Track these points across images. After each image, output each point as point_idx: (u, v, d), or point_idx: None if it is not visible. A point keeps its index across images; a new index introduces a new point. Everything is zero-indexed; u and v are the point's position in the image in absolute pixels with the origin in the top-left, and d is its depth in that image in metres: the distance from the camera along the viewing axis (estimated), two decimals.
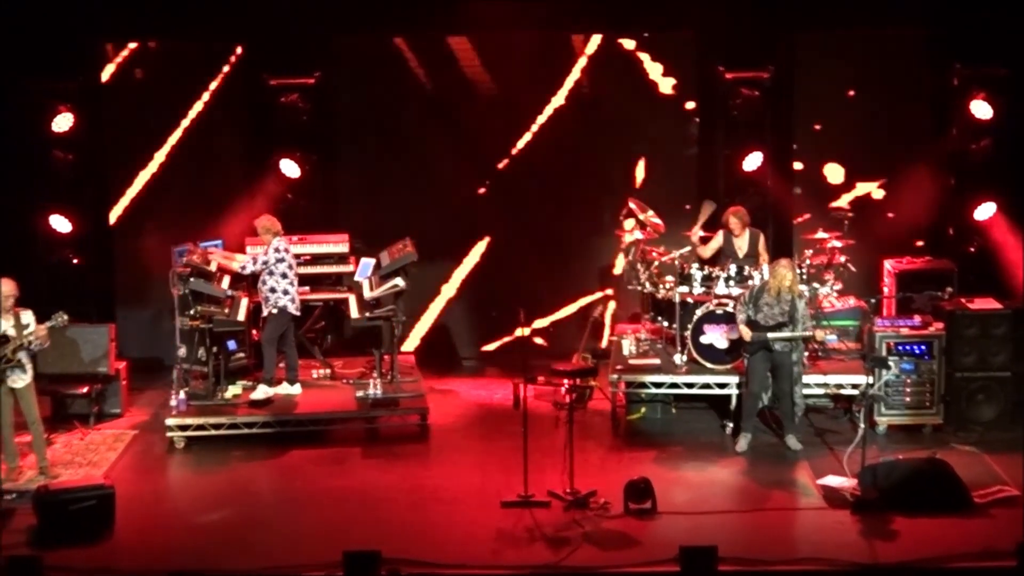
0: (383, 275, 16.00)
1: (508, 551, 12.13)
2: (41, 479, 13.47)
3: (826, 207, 17.46)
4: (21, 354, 13.48)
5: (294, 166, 17.27)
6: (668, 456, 14.45)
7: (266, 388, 15.45)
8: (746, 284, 15.34)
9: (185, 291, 15.28)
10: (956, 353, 14.93)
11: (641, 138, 17.83)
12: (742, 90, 16.99)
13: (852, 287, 16.57)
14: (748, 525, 12.68)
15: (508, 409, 14.37)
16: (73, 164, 16.96)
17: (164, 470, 14.47)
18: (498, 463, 14.05)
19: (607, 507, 12.90)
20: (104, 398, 15.79)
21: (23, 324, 13.45)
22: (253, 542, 12.36)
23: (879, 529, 12.39)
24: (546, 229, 17.95)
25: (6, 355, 13.35)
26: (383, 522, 12.73)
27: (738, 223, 15.86)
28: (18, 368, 13.50)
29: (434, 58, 17.74)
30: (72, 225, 17.04)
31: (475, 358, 18.20)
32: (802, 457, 14.24)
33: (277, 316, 15.40)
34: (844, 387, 15.22)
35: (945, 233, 17.34)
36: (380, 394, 15.40)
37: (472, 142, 17.83)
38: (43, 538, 12.31)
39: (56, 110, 16.74)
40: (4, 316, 13.39)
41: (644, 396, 15.66)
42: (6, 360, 13.37)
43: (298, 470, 14.21)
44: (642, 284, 16.25)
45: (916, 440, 14.68)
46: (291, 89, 17.12)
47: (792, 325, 14.15)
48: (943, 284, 16.24)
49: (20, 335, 13.39)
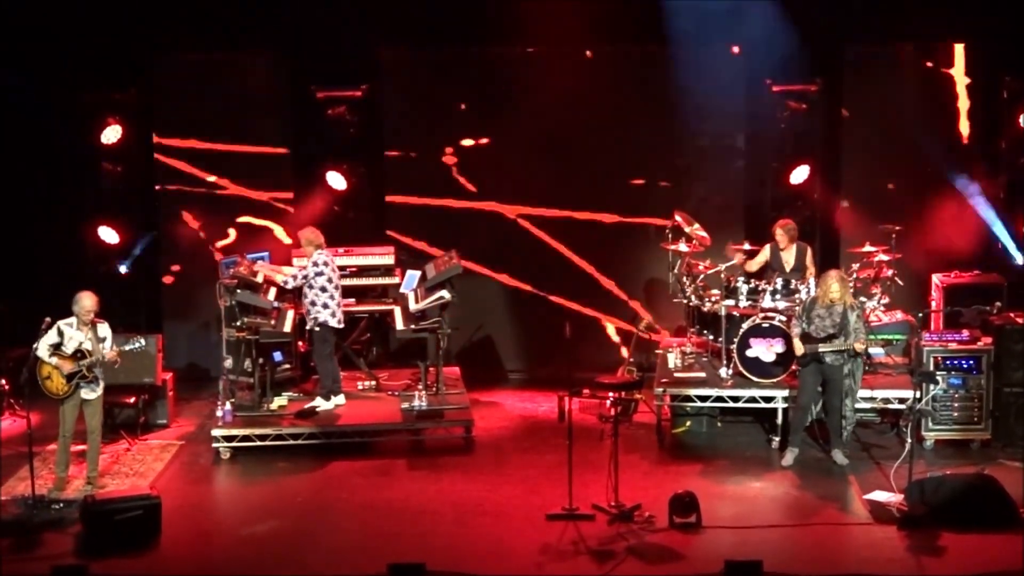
0: (429, 287, 16.03)
1: (552, 564, 12.10)
2: (88, 489, 13.56)
3: (874, 220, 17.38)
4: (96, 369, 13.60)
5: (341, 178, 17.34)
6: (713, 470, 14.40)
7: (323, 401, 15.52)
8: (792, 298, 15.29)
9: (232, 303, 15.36)
10: (1005, 368, 14.80)
11: (689, 152, 17.79)
12: (789, 103, 16.96)
13: (899, 301, 16.47)
14: (794, 540, 12.61)
15: (553, 422, 14.33)
16: (121, 176, 17.08)
17: (210, 481, 14.52)
18: (543, 476, 14.05)
19: (652, 520, 12.85)
20: (151, 409, 15.89)
21: (100, 337, 13.56)
22: (298, 553, 12.38)
23: (926, 545, 12.30)
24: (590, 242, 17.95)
25: (82, 371, 13.46)
26: (427, 534, 12.73)
27: (785, 236, 15.80)
28: (92, 382, 13.62)
29: (481, 70, 17.75)
30: (120, 237, 17.16)
31: (521, 370, 18.19)
32: (849, 472, 14.15)
33: (320, 332, 15.45)
34: (891, 401, 15.12)
35: (995, 247, 17.22)
36: (425, 406, 15.42)
37: (520, 156, 17.82)
38: (89, 548, 12.37)
39: (105, 122, 16.88)
40: (82, 328, 13.51)
41: (689, 409, 15.63)
42: (81, 375, 13.48)
43: (343, 482, 14.23)
44: (688, 297, 16.21)
45: (964, 455, 14.56)
46: (338, 102, 17.22)
47: (843, 337, 14.08)
48: (992, 298, 16.12)
49: (96, 349, 13.48)
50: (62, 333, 13.46)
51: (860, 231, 17.29)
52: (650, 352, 17.20)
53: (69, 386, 13.48)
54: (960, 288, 16.53)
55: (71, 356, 13.45)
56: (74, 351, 13.46)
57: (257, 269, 15.92)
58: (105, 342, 13.56)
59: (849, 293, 14.37)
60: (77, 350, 13.47)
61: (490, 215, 17.96)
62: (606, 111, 17.63)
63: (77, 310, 13.50)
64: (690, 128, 17.70)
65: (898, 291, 16.20)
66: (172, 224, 17.88)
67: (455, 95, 17.83)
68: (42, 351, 13.44)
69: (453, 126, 17.88)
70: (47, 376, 13.49)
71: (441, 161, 17.89)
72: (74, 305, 13.51)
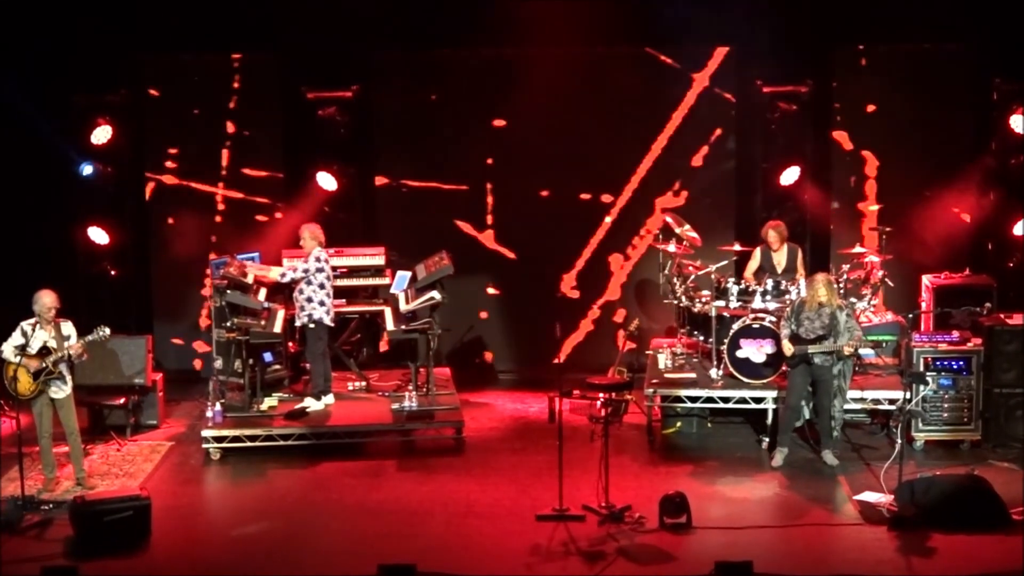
0: (419, 288, 16.03)
1: (543, 565, 12.10)
2: (78, 490, 13.55)
3: (863, 221, 17.39)
4: (62, 366, 13.58)
5: (331, 179, 17.33)
6: (703, 471, 14.40)
7: (313, 401, 15.51)
8: (783, 299, 15.30)
9: (222, 303, 15.34)
10: (995, 369, 14.82)
11: (678, 151, 17.79)
12: (780, 104, 16.97)
13: (890, 302, 16.49)
14: (784, 540, 12.63)
15: (543, 423, 14.36)
16: (112, 177, 17.06)
17: (200, 482, 14.50)
18: (533, 477, 14.05)
19: (642, 521, 12.86)
20: (141, 409, 15.87)
21: (64, 335, 13.56)
22: (288, 554, 12.38)
23: (916, 546, 12.31)
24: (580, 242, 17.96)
25: (47, 367, 13.45)
26: (418, 535, 12.73)
27: (777, 237, 15.82)
28: (59, 379, 13.61)
29: (473, 72, 17.75)
30: (110, 237, 17.14)
31: (510, 371, 18.19)
32: (839, 472, 14.17)
33: (315, 330, 15.45)
34: (881, 402, 15.13)
35: (984, 248, 17.25)
36: (415, 407, 15.40)
37: (512, 157, 17.82)
38: (79, 549, 12.36)
39: (95, 123, 16.86)
40: (45, 327, 13.50)
41: (680, 410, 15.64)
42: (47, 372, 13.47)
43: (333, 482, 14.23)
44: (678, 298, 16.22)
45: (954, 456, 14.58)
46: (329, 102, 17.20)
47: (833, 338, 14.08)
48: (982, 299, 16.13)
49: (61, 347, 13.48)
50: (26, 333, 13.45)
51: (850, 232, 17.37)
52: (640, 353, 17.19)
53: (36, 384, 13.47)
54: (950, 289, 16.54)
55: (36, 354, 13.45)
56: (39, 349, 13.45)
57: (248, 270, 15.90)
58: (69, 339, 13.55)
59: (837, 296, 14.38)
60: (42, 348, 13.46)
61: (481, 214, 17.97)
62: (597, 113, 17.64)
63: (38, 309, 13.49)
64: (680, 130, 17.70)
65: (888, 292, 16.21)
66: (161, 225, 17.85)
67: (445, 96, 17.80)
68: (7, 352, 13.44)
69: (443, 128, 17.86)
70: (13, 376, 13.48)
71: (432, 163, 17.88)
72: (34, 304, 13.50)
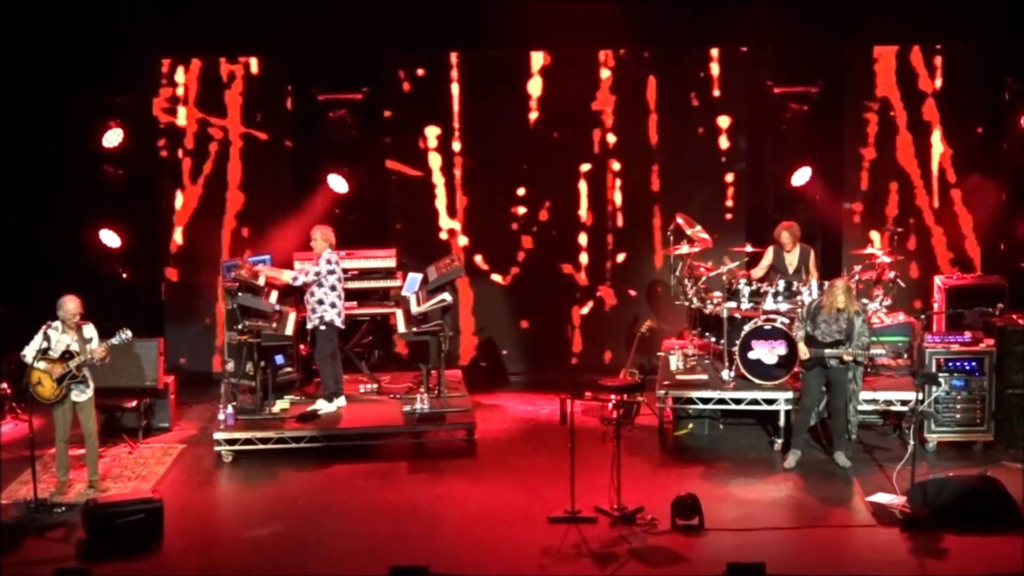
0: (430, 290, 16.02)
1: (555, 567, 12.10)
2: (91, 492, 13.56)
3: (876, 222, 17.37)
4: (85, 369, 13.60)
5: (342, 181, 17.33)
6: (715, 472, 14.38)
7: (325, 403, 15.52)
8: (794, 300, 15.28)
9: (233, 306, 15.35)
10: (1007, 370, 14.78)
11: (689, 153, 17.78)
12: (791, 105, 16.95)
13: (902, 303, 16.46)
14: (796, 542, 12.61)
15: (555, 424, 14.32)
16: (123, 179, 17.08)
17: (212, 484, 14.52)
18: (545, 479, 14.03)
19: (654, 523, 12.84)
20: (153, 412, 15.88)
21: (86, 338, 13.57)
22: (300, 556, 12.38)
23: (929, 547, 12.29)
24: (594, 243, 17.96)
25: (71, 371, 13.46)
26: (430, 537, 12.73)
27: (790, 238, 15.79)
28: (81, 383, 13.63)
29: (482, 73, 17.75)
30: (122, 240, 17.16)
31: (522, 373, 18.18)
32: (851, 474, 14.14)
33: (325, 332, 15.44)
34: (894, 403, 15.10)
35: (996, 249, 17.22)
36: (427, 409, 15.40)
37: (523, 158, 17.82)
38: (92, 551, 12.38)
39: (106, 126, 16.87)
40: (69, 332, 13.51)
41: (691, 412, 15.61)
42: (71, 376, 13.48)
43: (345, 485, 14.23)
44: (689, 299, 16.19)
45: (966, 457, 14.55)
46: (339, 104, 17.20)
47: (849, 342, 14.05)
48: (994, 300, 16.12)
49: (84, 350, 13.49)
50: (48, 337, 13.47)
51: (862, 233, 17.35)
52: (652, 354, 17.18)
53: (60, 388, 13.48)
54: (962, 290, 16.50)
55: (59, 359, 13.46)
56: (61, 353, 13.47)
57: (259, 272, 15.91)
58: (91, 342, 13.57)
59: (855, 302, 14.34)
60: (65, 352, 13.48)
61: (487, 217, 17.98)
62: (607, 113, 17.62)
63: (62, 314, 13.52)
64: (692, 130, 17.69)
65: (900, 293, 16.18)
66: (172, 227, 17.87)
67: (454, 98, 17.80)
68: (30, 357, 13.45)
69: (453, 128, 17.85)
70: (37, 382, 13.48)
71: (442, 164, 17.87)
72: (59, 310, 13.53)
